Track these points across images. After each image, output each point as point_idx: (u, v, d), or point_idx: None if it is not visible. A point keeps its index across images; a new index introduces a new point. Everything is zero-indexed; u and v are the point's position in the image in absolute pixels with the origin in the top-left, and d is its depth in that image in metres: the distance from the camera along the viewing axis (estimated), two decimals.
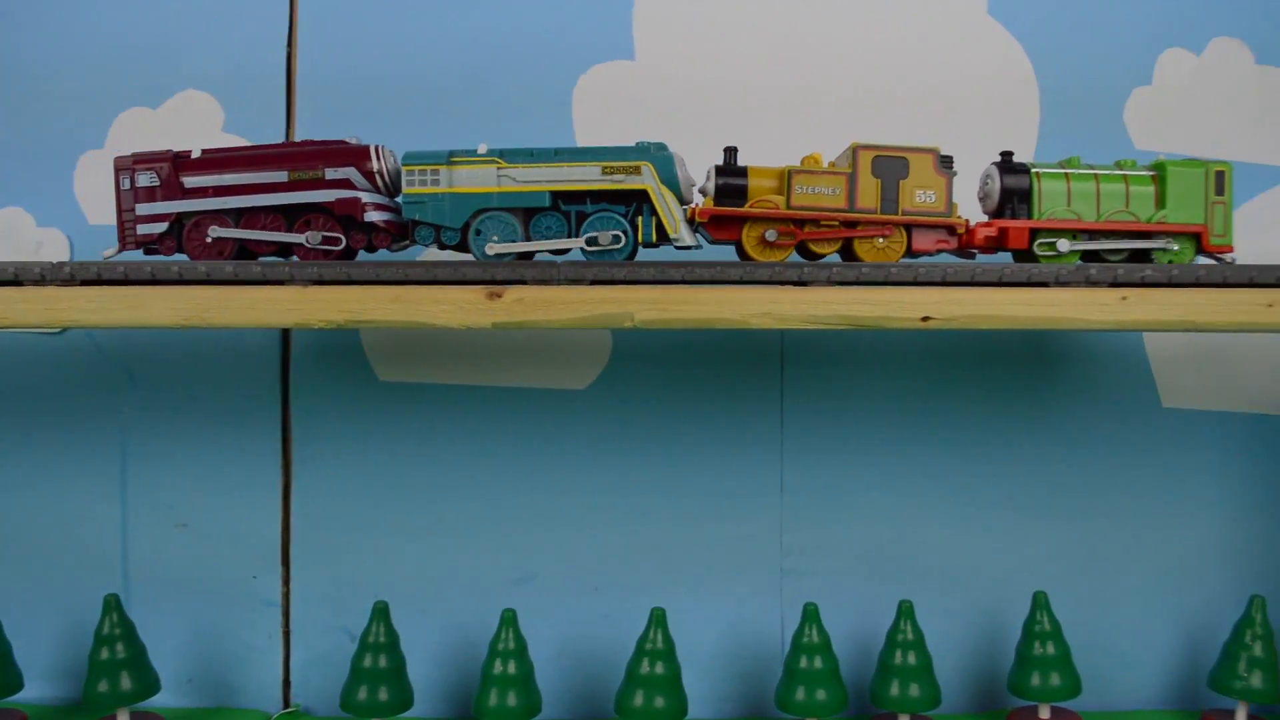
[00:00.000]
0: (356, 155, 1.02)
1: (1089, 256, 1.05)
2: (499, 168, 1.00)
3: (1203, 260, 1.07)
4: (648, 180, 1.00)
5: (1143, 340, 1.28)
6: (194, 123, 1.24)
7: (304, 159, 1.02)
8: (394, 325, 0.98)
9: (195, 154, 1.03)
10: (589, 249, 1.01)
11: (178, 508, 1.24)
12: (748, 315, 1.00)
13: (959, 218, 1.04)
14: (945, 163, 1.03)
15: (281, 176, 1.02)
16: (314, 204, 1.02)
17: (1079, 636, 1.26)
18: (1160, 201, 1.05)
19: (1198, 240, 1.05)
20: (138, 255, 1.06)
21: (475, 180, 1.00)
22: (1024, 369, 1.27)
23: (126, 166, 1.04)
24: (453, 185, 1.00)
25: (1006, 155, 1.07)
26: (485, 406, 1.24)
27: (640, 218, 1.01)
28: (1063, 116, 1.26)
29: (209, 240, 1.03)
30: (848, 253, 1.05)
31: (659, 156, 1.01)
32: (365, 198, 1.02)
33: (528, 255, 1.03)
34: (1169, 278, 1.02)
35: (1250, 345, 1.29)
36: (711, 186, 1.04)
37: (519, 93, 1.23)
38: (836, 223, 1.03)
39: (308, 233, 1.02)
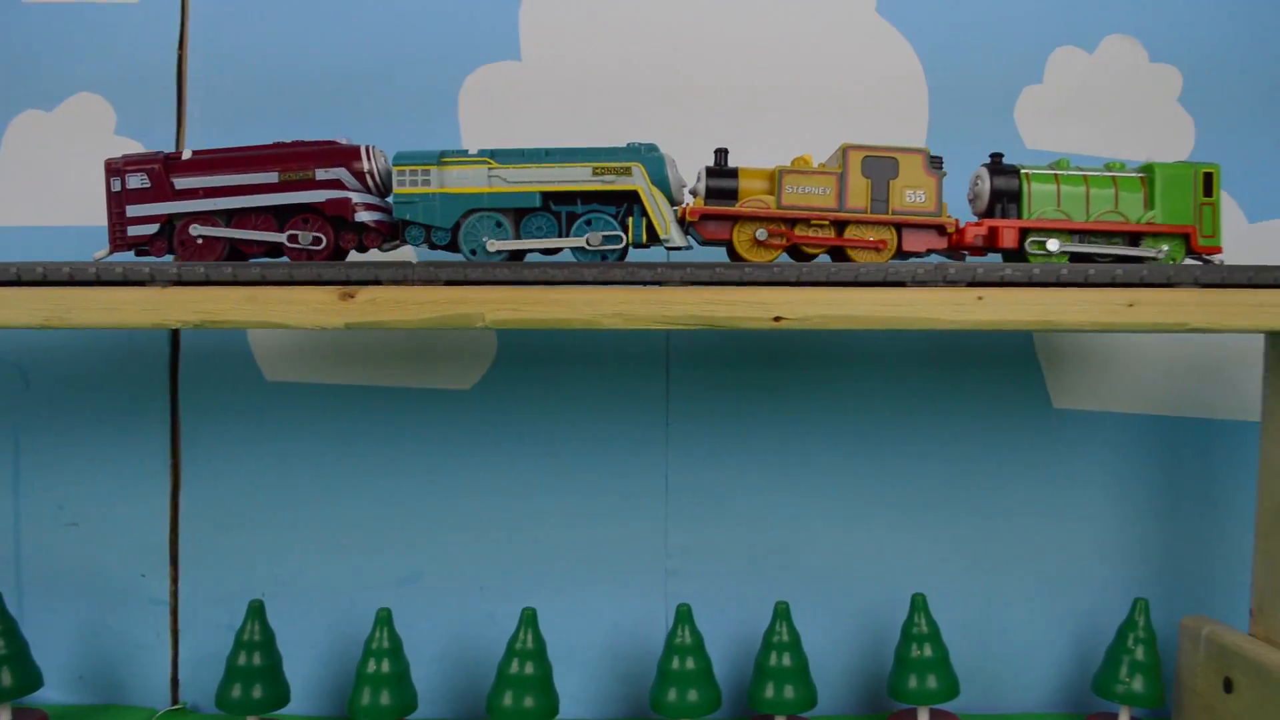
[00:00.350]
0: (347, 155, 1.02)
1: (1079, 258, 1.04)
2: (490, 168, 1.01)
3: (1190, 260, 1.07)
4: (638, 181, 1.00)
5: (1032, 341, 1.27)
6: (87, 125, 1.26)
7: (295, 160, 1.02)
8: (248, 326, 0.99)
9: (186, 155, 1.04)
10: (578, 248, 1.01)
11: (68, 506, 1.25)
12: (599, 315, 1.00)
13: (949, 218, 1.03)
14: (935, 163, 1.03)
15: (272, 177, 1.02)
16: (305, 204, 1.02)
17: (967, 638, 1.27)
18: (1149, 202, 1.04)
19: (1187, 241, 1.05)
20: (129, 256, 1.06)
21: (466, 181, 1.01)
22: (913, 369, 1.26)
23: (117, 168, 1.04)
24: (443, 186, 1.01)
25: (996, 157, 1.07)
26: (372, 406, 1.24)
27: (631, 218, 1.01)
28: (952, 115, 1.25)
29: (198, 241, 1.03)
30: (839, 253, 1.05)
31: (650, 157, 1.01)
32: (356, 198, 1.02)
33: (519, 254, 1.03)
34: (1029, 277, 1.02)
35: (1141, 346, 1.28)
36: (702, 187, 1.03)
37: (406, 94, 1.23)
38: (827, 223, 1.03)
39: (299, 232, 1.02)
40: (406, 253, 1.15)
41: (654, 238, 1.01)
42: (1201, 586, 1.27)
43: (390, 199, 1.03)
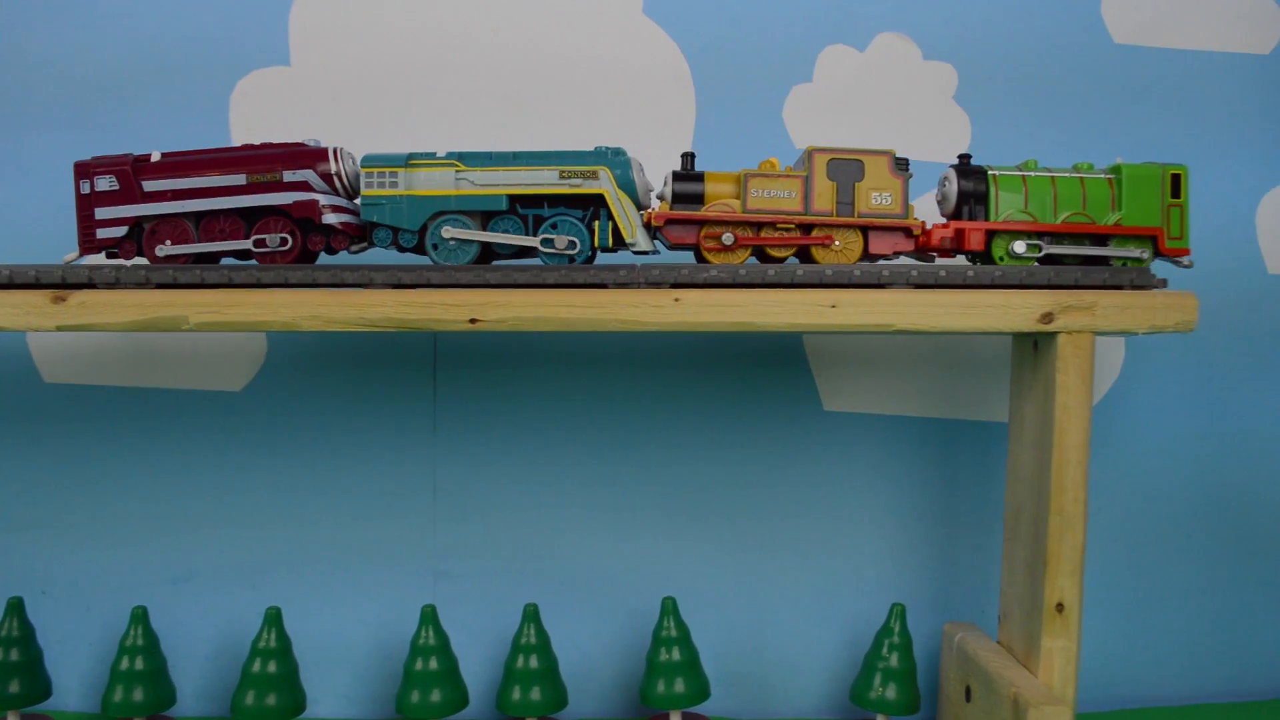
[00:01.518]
0: (314, 157, 1.03)
1: (1048, 260, 1.03)
2: (457, 171, 1.01)
3: (1161, 262, 1.06)
4: (605, 185, 1.01)
5: (803, 342, 1.26)
6: None
7: (262, 162, 1.03)
8: None
9: (155, 158, 1.04)
10: (545, 250, 1.01)
11: None
12: (298, 318, 1.00)
13: (915, 219, 1.03)
14: (900, 165, 1.03)
15: (240, 179, 1.03)
16: (272, 206, 1.02)
17: (738, 641, 1.26)
18: (1116, 203, 1.03)
19: (1154, 242, 1.03)
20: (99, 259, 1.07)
21: (434, 183, 1.01)
22: (684, 372, 1.26)
23: (86, 171, 1.04)
24: (411, 188, 1.01)
25: (964, 158, 1.06)
26: (147, 408, 1.25)
27: (598, 222, 1.02)
28: (720, 115, 1.24)
29: (156, 254, 1.03)
30: (805, 255, 1.04)
31: (616, 161, 1.01)
32: (323, 200, 1.02)
33: (486, 254, 1.04)
34: (734, 278, 1.01)
35: (911, 349, 1.26)
36: (669, 192, 1.04)
37: (177, 98, 1.24)
38: (793, 226, 1.03)
39: (265, 236, 1.02)
40: (375, 254, 1.15)
41: (620, 241, 1.02)
42: (973, 590, 1.25)
43: (358, 201, 1.04)
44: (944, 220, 1.06)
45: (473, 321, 0.99)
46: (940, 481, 1.27)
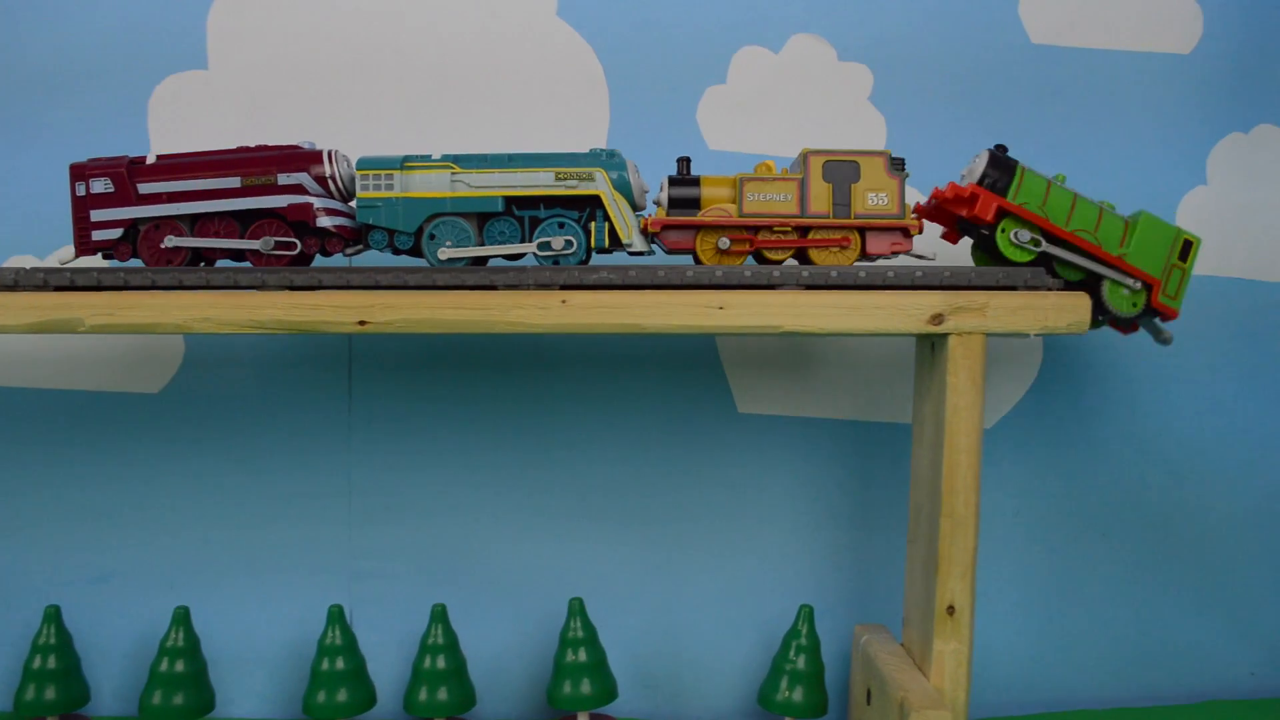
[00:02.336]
0: (309, 160, 1.02)
1: (1044, 259, 1.02)
2: (453, 173, 1.01)
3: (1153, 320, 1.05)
4: (600, 186, 1.01)
5: (716, 344, 1.25)
6: None
7: (257, 164, 1.02)
8: None
9: (150, 159, 1.04)
10: (540, 254, 1.02)
11: None
12: (190, 320, 1.01)
13: (913, 220, 1.02)
14: (896, 165, 1.02)
15: (235, 182, 1.02)
16: (267, 209, 1.03)
17: (653, 642, 1.26)
18: (1126, 241, 1.02)
19: (1149, 291, 1.02)
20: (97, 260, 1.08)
21: (429, 185, 1.01)
22: (597, 373, 1.26)
23: (81, 173, 1.04)
24: (407, 190, 1.01)
25: (1001, 148, 1.03)
26: (65, 409, 1.26)
27: (594, 223, 1.02)
28: (633, 116, 1.24)
29: (164, 247, 1.04)
30: (803, 258, 1.04)
31: (612, 163, 1.01)
32: (317, 203, 1.02)
33: (481, 260, 1.04)
34: (624, 279, 1.01)
35: (824, 352, 1.26)
36: (665, 196, 1.03)
37: (96, 102, 1.25)
38: (790, 229, 1.02)
39: (262, 238, 1.02)
40: (370, 256, 1.15)
41: (616, 242, 1.02)
42: (888, 593, 1.25)
43: (353, 203, 1.04)
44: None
45: (361, 324, 1.00)
46: (855, 483, 1.26)
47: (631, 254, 1.04)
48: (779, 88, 1.24)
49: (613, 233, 1.01)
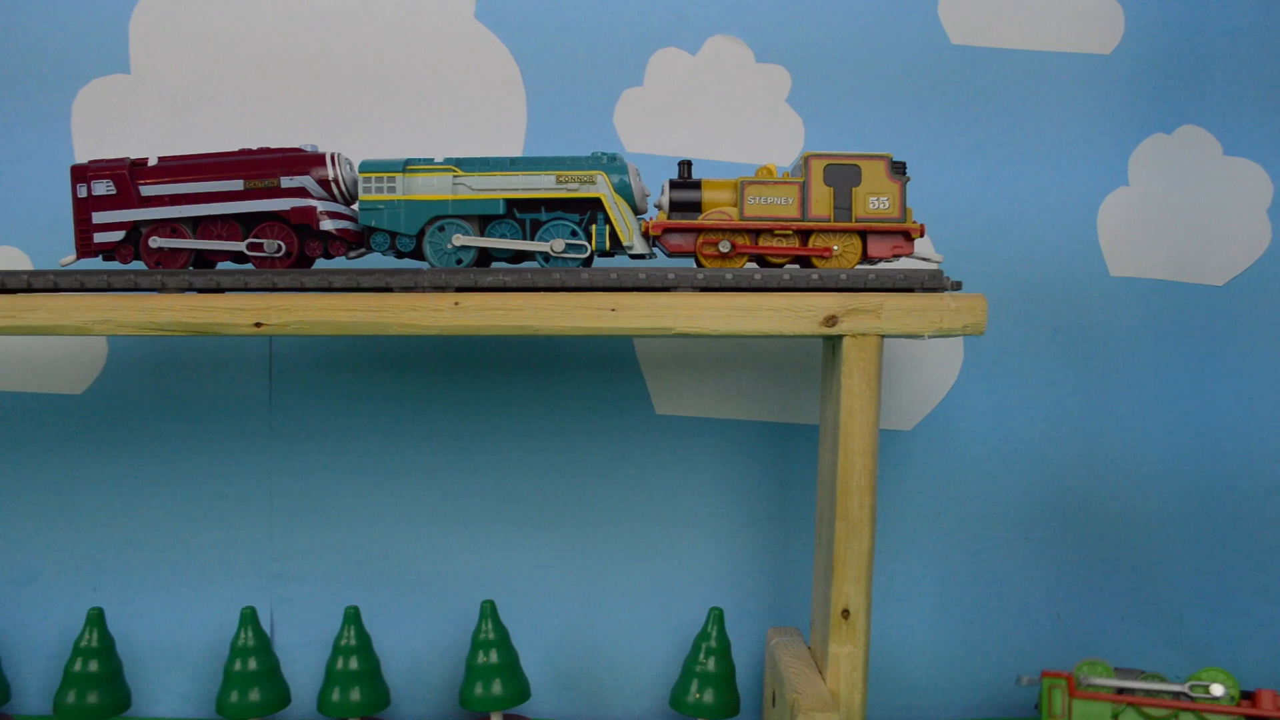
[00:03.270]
0: (311, 163, 1.02)
1: None
2: (455, 176, 1.02)
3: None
4: (601, 189, 1.01)
5: (633, 346, 1.25)
6: None
7: (259, 167, 1.03)
8: None
9: (152, 162, 1.04)
10: (555, 253, 1.01)
11: None
12: (90, 322, 1.01)
13: (914, 223, 1.02)
14: (897, 169, 1.02)
15: (237, 185, 1.03)
16: (270, 212, 1.03)
17: (572, 644, 1.26)
18: None
19: None
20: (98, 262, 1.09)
21: (431, 188, 1.02)
22: (515, 375, 1.26)
23: (83, 175, 1.05)
24: (409, 193, 1.02)
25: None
26: None
27: (594, 226, 1.02)
28: (551, 119, 1.24)
29: (161, 250, 1.04)
30: (805, 261, 1.04)
31: (613, 166, 1.01)
32: (320, 206, 1.02)
33: (485, 258, 1.05)
34: (502, 283, 1.01)
35: (741, 354, 1.26)
36: (666, 200, 1.04)
37: (19, 106, 1.26)
38: (791, 233, 1.02)
39: (263, 241, 1.02)
40: (374, 259, 1.17)
41: (617, 245, 1.02)
42: (806, 595, 1.24)
43: (356, 206, 1.04)
44: None
45: (257, 325, 1.00)
46: (773, 485, 1.26)
47: (632, 257, 1.04)
48: (696, 89, 1.24)
49: (614, 235, 1.01)
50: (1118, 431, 1.27)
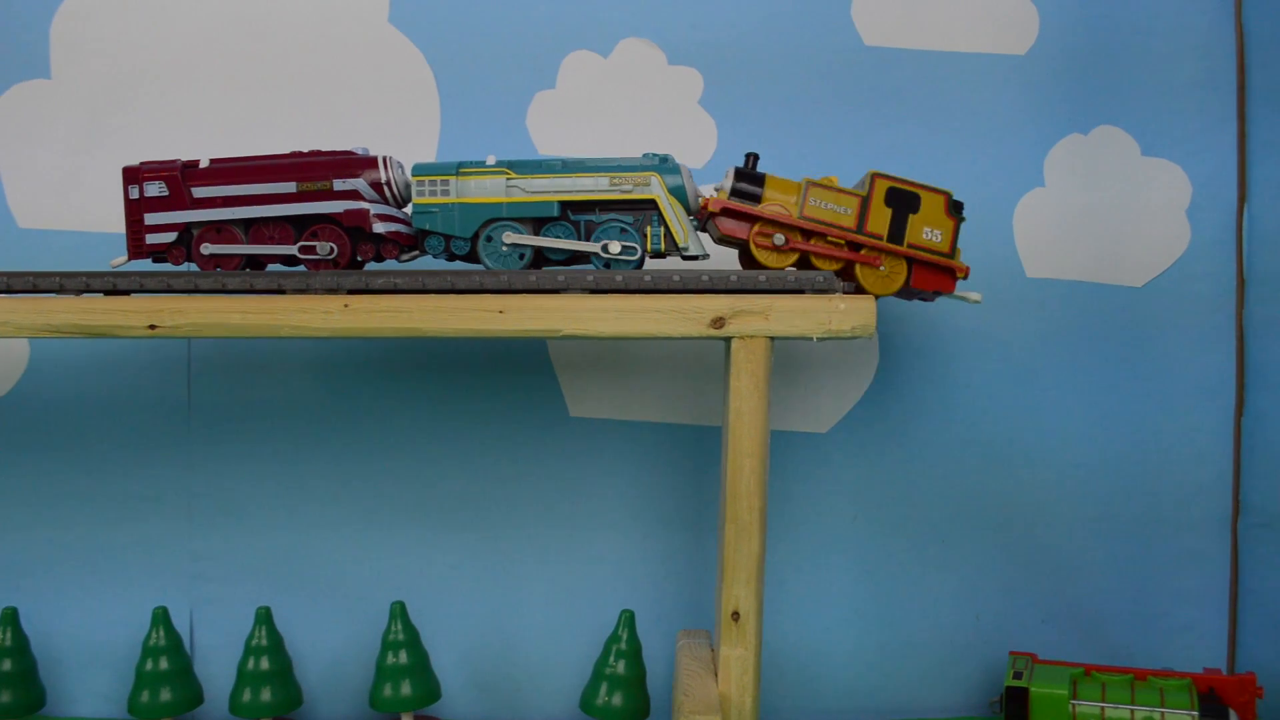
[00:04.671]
0: (364, 165, 1.03)
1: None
2: (508, 179, 1.02)
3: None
4: (656, 190, 1.01)
5: (547, 348, 1.26)
6: None
7: (313, 170, 1.03)
8: None
9: (204, 164, 1.05)
10: (595, 254, 1.02)
11: None
12: None
13: (960, 263, 1.03)
14: (956, 207, 1.03)
15: (290, 187, 1.03)
16: (323, 215, 1.03)
17: (486, 647, 1.27)
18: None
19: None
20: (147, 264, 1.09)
21: (485, 191, 1.02)
22: (429, 377, 1.26)
23: (135, 176, 1.05)
24: (462, 196, 1.02)
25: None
26: None
27: (649, 227, 1.02)
28: (464, 122, 1.25)
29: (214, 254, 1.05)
30: (848, 274, 1.04)
31: (666, 168, 1.01)
32: (373, 209, 1.02)
33: (539, 259, 1.04)
34: (393, 285, 1.02)
35: (656, 356, 1.26)
36: (728, 185, 1.03)
37: None
38: (843, 242, 1.02)
39: (315, 243, 1.02)
40: (425, 262, 1.16)
41: (672, 246, 1.02)
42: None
43: (409, 209, 1.04)
44: None
45: (152, 328, 1.01)
46: (688, 487, 1.26)
47: (685, 258, 1.03)
48: (608, 92, 1.25)
49: (669, 236, 1.01)
50: (1035, 434, 1.27)
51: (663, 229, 1.01)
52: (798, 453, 1.27)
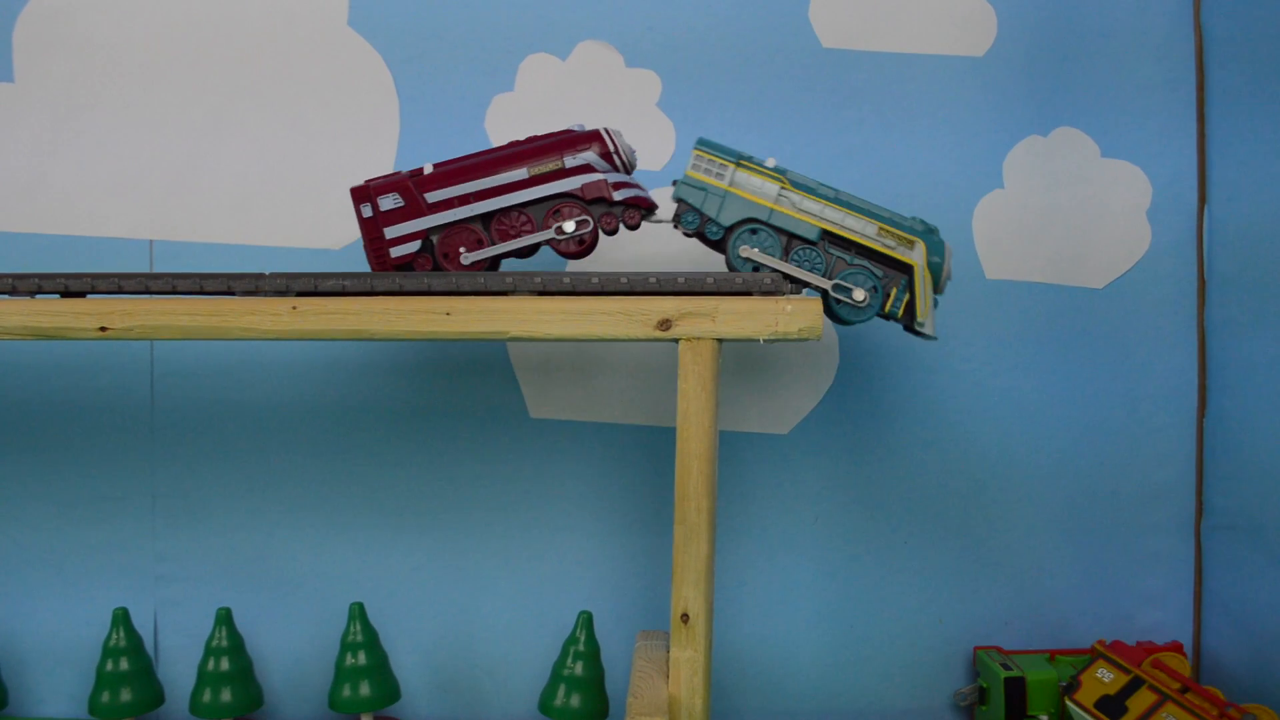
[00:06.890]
0: (591, 139, 1.03)
1: None
2: (781, 187, 1.01)
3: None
4: (917, 257, 0.99)
5: (507, 350, 1.26)
6: None
7: (540, 152, 1.03)
8: None
9: (428, 170, 1.04)
10: (835, 296, 1.00)
11: None
12: None
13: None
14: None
15: (521, 174, 1.03)
16: (561, 194, 1.02)
17: (449, 646, 1.27)
18: None
19: None
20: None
21: (756, 190, 1.01)
22: (390, 380, 1.27)
23: (365, 194, 1.05)
24: (734, 186, 1.01)
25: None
26: None
27: (895, 289, 1.00)
28: (423, 125, 1.25)
29: (464, 263, 1.04)
30: None
31: (932, 240, 0.99)
32: (610, 178, 1.02)
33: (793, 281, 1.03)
34: (341, 287, 1.02)
35: (613, 356, 1.26)
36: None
37: None
38: None
39: (562, 223, 1.02)
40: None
41: (909, 316, 1.00)
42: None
43: (681, 179, 1.03)
44: None
45: (102, 330, 1.01)
46: (647, 488, 1.27)
47: (918, 334, 1.01)
48: (567, 94, 1.25)
49: (910, 307, 0.99)
50: (997, 435, 1.27)
51: (907, 297, 0.99)
52: (759, 454, 1.27)
